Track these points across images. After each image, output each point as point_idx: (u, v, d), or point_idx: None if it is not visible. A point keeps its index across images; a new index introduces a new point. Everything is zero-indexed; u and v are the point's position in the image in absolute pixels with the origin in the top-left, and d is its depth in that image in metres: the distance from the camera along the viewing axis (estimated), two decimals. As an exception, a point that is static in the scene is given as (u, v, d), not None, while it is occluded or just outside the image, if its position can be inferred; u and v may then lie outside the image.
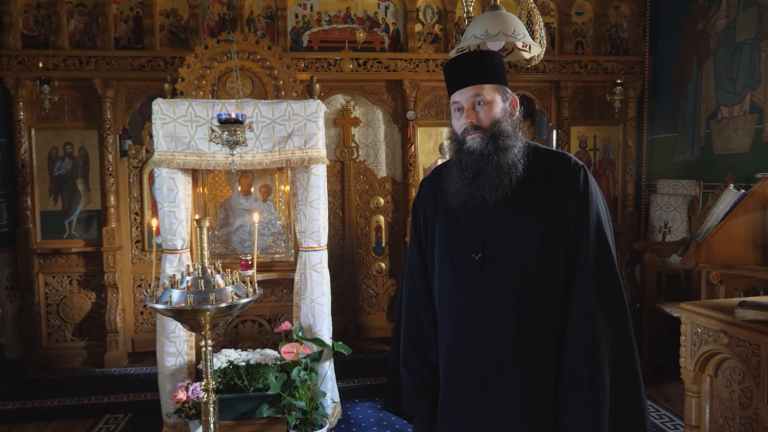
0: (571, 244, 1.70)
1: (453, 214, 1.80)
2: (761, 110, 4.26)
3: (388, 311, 5.51)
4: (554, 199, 1.72)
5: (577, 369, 1.66)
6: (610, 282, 1.69)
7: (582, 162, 1.78)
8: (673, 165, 5.24)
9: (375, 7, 5.28)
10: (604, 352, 1.65)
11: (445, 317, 1.83)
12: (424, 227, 1.92)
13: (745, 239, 3.32)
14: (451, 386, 1.81)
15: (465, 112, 1.75)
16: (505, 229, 1.73)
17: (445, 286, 1.83)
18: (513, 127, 1.76)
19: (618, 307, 1.69)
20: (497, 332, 1.71)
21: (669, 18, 5.33)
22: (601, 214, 1.73)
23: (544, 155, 1.79)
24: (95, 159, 4.99)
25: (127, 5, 4.99)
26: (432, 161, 5.45)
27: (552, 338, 1.70)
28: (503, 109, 1.76)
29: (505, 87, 1.79)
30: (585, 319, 1.66)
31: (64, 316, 5.04)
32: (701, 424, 2.42)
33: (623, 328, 1.69)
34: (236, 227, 4.14)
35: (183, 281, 2.32)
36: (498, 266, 1.72)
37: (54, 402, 4.17)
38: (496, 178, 1.70)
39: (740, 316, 2.16)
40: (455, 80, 1.78)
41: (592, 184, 1.74)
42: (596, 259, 1.68)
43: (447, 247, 1.83)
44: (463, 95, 1.76)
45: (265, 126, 3.62)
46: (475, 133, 1.73)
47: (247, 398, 3.45)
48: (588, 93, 5.54)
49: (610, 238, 1.73)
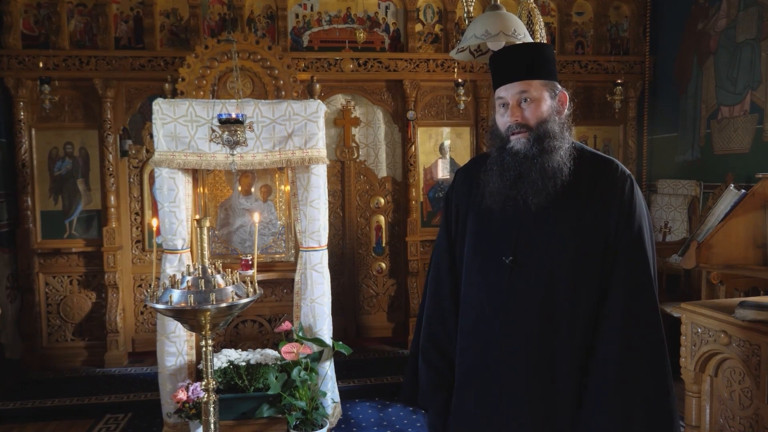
0: (608, 256, 1.61)
1: (487, 211, 1.72)
2: (761, 110, 4.26)
3: (389, 311, 5.52)
4: (596, 207, 1.62)
5: (600, 384, 1.58)
6: (645, 299, 1.60)
7: (629, 171, 1.69)
8: (674, 165, 5.24)
9: (375, 7, 5.29)
10: (633, 370, 1.57)
11: (467, 316, 1.77)
12: (455, 219, 1.84)
13: (745, 239, 3.32)
14: (466, 387, 1.76)
15: (510, 110, 1.65)
16: (540, 234, 1.64)
17: (471, 285, 1.76)
18: (560, 126, 1.66)
19: (651, 326, 1.60)
20: (519, 339, 1.64)
21: (669, 18, 5.33)
22: (643, 228, 1.62)
23: (590, 159, 1.68)
24: (95, 159, 4.99)
25: (128, 5, 4.99)
26: (432, 161, 5.46)
27: (576, 350, 1.62)
28: (551, 106, 1.66)
29: (554, 82, 1.68)
30: (614, 335, 1.58)
31: (65, 316, 5.04)
32: (701, 424, 2.42)
33: (655, 347, 1.60)
34: (236, 227, 4.14)
35: (183, 281, 2.32)
36: (528, 272, 1.64)
37: (54, 402, 4.17)
38: (540, 183, 1.61)
39: (740, 316, 2.16)
40: (501, 74, 1.68)
41: (638, 196, 1.64)
42: (633, 275, 1.59)
43: (477, 245, 1.75)
44: (509, 91, 1.65)
45: (265, 126, 3.62)
46: (520, 133, 1.64)
47: (248, 398, 3.45)
48: (588, 93, 5.54)
49: (650, 254, 1.62)
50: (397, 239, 5.47)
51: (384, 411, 4.09)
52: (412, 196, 5.33)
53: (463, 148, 5.46)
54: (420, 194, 5.41)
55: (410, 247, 5.32)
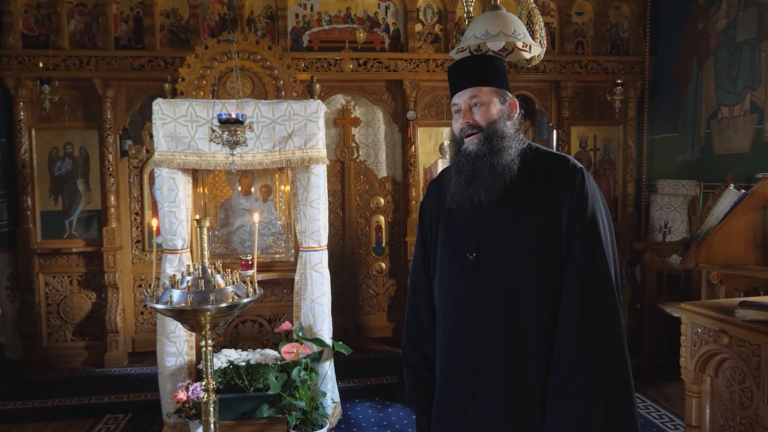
0: (564, 246, 1.71)
1: (454, 214, 1.84)
2: (761, 110, 4.26)
3: (389, 311, 5.52)
4: (550, 200, 1.72)
5: (564, 371, 1.66)
6: (601, 285, 1.67)
7: (582, 165, 1.78)
8: (674, 165, 5.24)
9: (375, 7, 5.29)
10: (593, 354, 1.64)
11: (442, 315, 1.87)
12: (429, 227, 1.96)
13: (745, 239, 3.31)
14: (445, 384, 1.85)
15: (462, 113, 1.79)
16: (499, 229, 1.75)
17: (443, 285, 1.87)
18: (510, 128, 1.78)
19: (608, 309, 1.67)
20: (487, 331, 1.74)
21: (669, 18, 5.33)
22: (597, 216, 1.71)
23: (545, 157, 1.81)
24: (95, 159, 4.99)
25: (128, 5, 4.99)
26: (432, 161, 5.46)
27: (542, 339, 1.70)
28: (500, 110, 1.79)
29: (504, 90, 1.82)
30: (573, 322, 1.66)
31: (65, 316, 5.04)
32: (701, 424, 2.42)
33: (614, 330, 1.67)
34: (236, 227, 4.14)
35: (183, 281, 2.32)
36: (490, 266, 1.75)
37: (54, 402, 4.17)
38: (490, 180, 1.73)
39: (740, 316, 2.16)
40: (456, 83, 1.83)
41: (590, 187, 1.73)
42: (588, 262, 1.67)
43: (446, 246, 1.86)
44: (462, 97, 1.80)
45: (265, 126, 3.62)
46: (472, 135, 1.77)
47: (248, 398, 3.45)
48: (588, 93, 5.54)
49: (607, 241, 1.71)
50: (397, 239, 5.47)
51: (384, 411, 4.09)
52: (412, 196, 5.33)
53: (463, 148, 5.45)
54: (420, 194, 5.41)
55: (410, 247, 5.32)
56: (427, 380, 1.91)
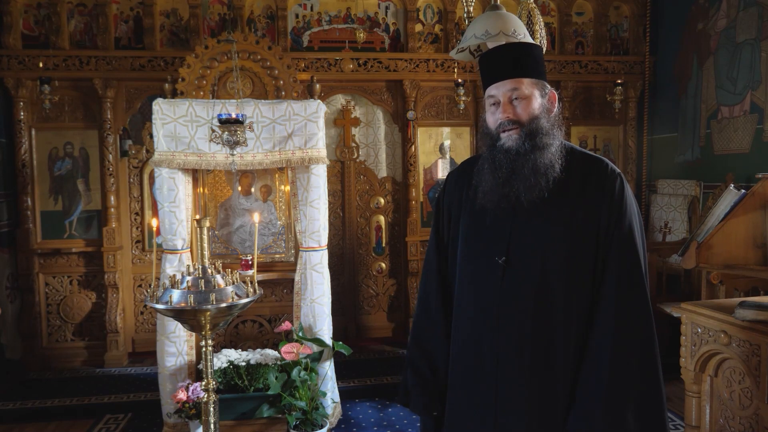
0: (599, 253, 1.62)
1: (479, 212, 1.73)
2: (761, 110, 4.26)
3: (389, 311, 5.52)
4: (587, 205, 1.63)
5: (592, 379, 1.59)
6: (636, 296, 1.60)
7: (619, 170, 1.70)
8: (674, 165, 5.24)
9: (375, 7, 5.29)
10: (625, 365, 1.58)
11: (462, 317, 1.77)
12: (447, 223, 1.85)
13: (745, 239, 3.32)
14: (460, 387, 1.76)
15: (501, 107, 1.66)
16: (532, 233, 1.65)
17: (465, 286, 1.76)
18: (551, 124, 1.67)
19: (642, 322, 1.61)
20: (514, 338, 1.65)
21: (669, 18, 5.33)
22: (634, 226, 1.63)
23: (580, 158, 1.70)
24: (95, 159, 4.99)
25: (128, 5, 4.99)
26: (432, 161, 5.46)
27: (571, 348, 1.62)
28: (541, 104, 1.67)
29: (544, 82, 1.70)
30: (607, 332, 1.59)
31: (65, 316, 5.04)
32: (701, 424, 2.42)
33: (647, 343, 1.61)
34: (236, 227, 4.14)
35: (183, 281, 2.32)
36: (521, 271, 1.65)
37: (54, 402, 4.17)
38: (532, 179, 1.62)
39: (740, 316, 2.16)
40: (492, 73, 1.69)
41: (628, 194, 1.66)
42: (624, 272, 1.60)
43: (470, 246, 1.75)
44: (500, 89, 1.66)
45: (265, 126, 3.62)
46: (511, 130, 1.65)
47: (248, 398, 3.45)
48: (588, 93, 5.54)
49: (641, 251, 1.64)
50: (397, 239, 5.47)
51: (384, 411, 4.09)
52: (412, 197, 5.33)
53: (463, 148, 5.46)
54: (420, 194, 5.41)
55: (410, 247, 5.33)
56: (433, 383, 1.82)
